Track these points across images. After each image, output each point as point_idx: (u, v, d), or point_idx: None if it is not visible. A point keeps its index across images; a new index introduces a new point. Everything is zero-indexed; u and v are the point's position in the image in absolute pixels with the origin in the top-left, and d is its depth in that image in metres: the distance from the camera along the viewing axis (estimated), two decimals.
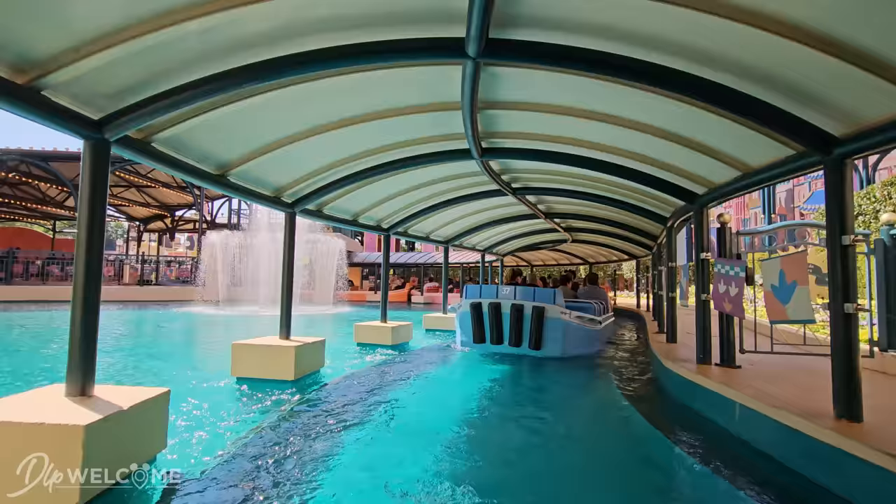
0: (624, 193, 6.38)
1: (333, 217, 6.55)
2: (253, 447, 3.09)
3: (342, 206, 6.45)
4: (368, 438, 3.34)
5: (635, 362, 6.74)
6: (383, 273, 8.05)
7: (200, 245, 16.76)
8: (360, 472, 2.78)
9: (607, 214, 8.88)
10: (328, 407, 4.09)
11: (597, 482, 2.83)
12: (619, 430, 3.93)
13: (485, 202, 8.40)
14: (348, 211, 6.83)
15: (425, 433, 3.50)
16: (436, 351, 7.41)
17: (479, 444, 3.34)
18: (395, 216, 7.77)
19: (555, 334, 6.90)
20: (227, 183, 4.32)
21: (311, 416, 3.83)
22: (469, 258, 23.63)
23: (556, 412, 4.32)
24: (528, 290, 7.09)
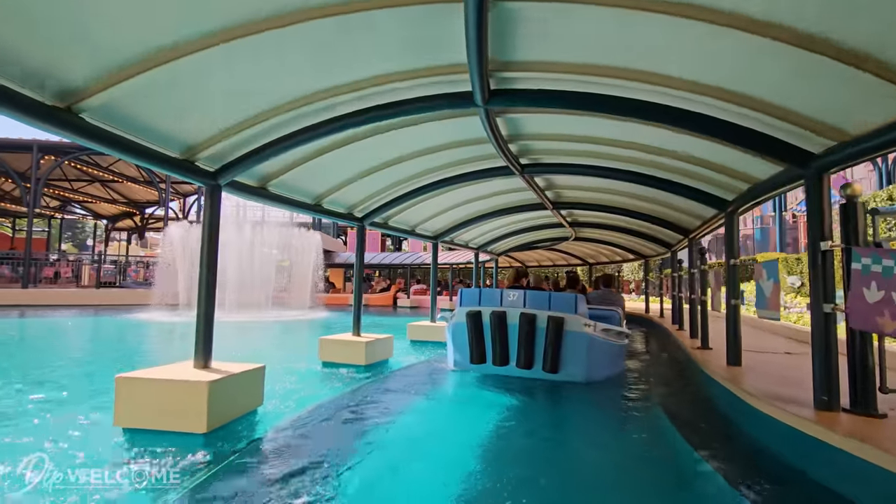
0: (666, 166, 4.86)
1: (283, 198, 4.92)
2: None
3: (296, 181, 4.83)
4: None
5: (685, 392, 5.15)
6: (356, 273, 6.43)
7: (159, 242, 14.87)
8: None
9: (628, 203, 7.38)
10: (239, 488, 2.47)
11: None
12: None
13: (483, 187, 6.83)
14: (306, 192, 5.21)
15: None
16: (421, 374, 5.80)
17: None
18: (372, 201, 6.16)
19: (577, 353, 5.35)
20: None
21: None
22: (460, 258, 22.04)
23: (608, 493, 2.75)
24: (542, 296, 5.53)
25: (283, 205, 4.95)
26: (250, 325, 11.90)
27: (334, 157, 4.52)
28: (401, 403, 4.29)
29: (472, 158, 5.46)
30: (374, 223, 6.83)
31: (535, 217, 9.80)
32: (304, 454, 3.01)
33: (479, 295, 5.81)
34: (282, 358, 6.65)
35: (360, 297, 6.34)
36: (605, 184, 6.50)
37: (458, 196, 7.15)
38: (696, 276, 6.89)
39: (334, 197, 5.56)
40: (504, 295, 5.64)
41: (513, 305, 5.54)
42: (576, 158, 5.29)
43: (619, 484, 2.85)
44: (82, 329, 11.19)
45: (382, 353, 6.30)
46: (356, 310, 6.32)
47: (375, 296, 22.99)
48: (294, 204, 5.10)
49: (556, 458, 3.22)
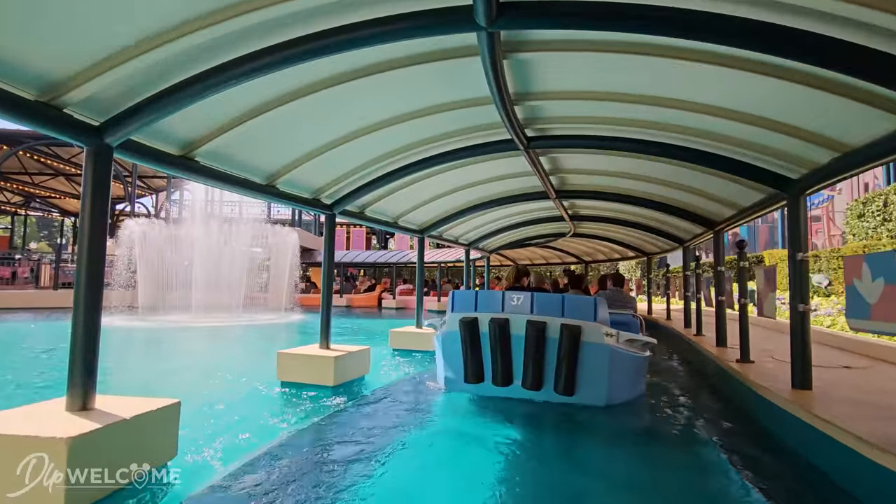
0: (714, 135, 3.83)
1: (218, 173, 3.77)
2: None
3: (233, 151, 3.69)
4: None
5: (742, 425, 4.06)
6: (325, 273, 5.29)
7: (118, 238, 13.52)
8: None
9: (644, 190, 6.36)
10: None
11: None
12: None
13: (478, 170, 5.76)
14: (252, 167, 4.06)
15: None
16: (404, 398, 4.69)
17: None
18: (343, 184, 5.03)
19: (596, 370, 4.30)
20: None
21: None
22: (448, 256, 20.96)
23: None
24: (553, 299, 4.47)
25: (221, 183, 3.79)
26: (215, 331, 10.66)
27: (284, 117, 3.40)
28: (374, 447, 3.18)
29: (468, 129, 4.38)
30: (347, 212, 5.69)
31: (533, 209, 8.76)
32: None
33: (474, 298, 4.73)
34: (233, 376, 5.49)
35: (329, 301, 5.20)
36: (622, 166, 5.48)
37: (448, 181, 6.06)
38: (724, 274, 5.91)
39: (293, 177, 4.42)
40: (506, 298, 4.56)
41: (517, 311, 4.47)
42: (596, 127, 4.23)
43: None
44: (12, 336, 9.84)
45: (356, 369, 5.18)
46: (324, 316, 5.19)
47: (359, 296, 21.78)
48: (236, 183, 3.94)
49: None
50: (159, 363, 6.90)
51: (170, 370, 6.21)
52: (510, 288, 5.44)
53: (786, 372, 3.83)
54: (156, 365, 6.73)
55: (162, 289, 13.95)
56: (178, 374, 5.82)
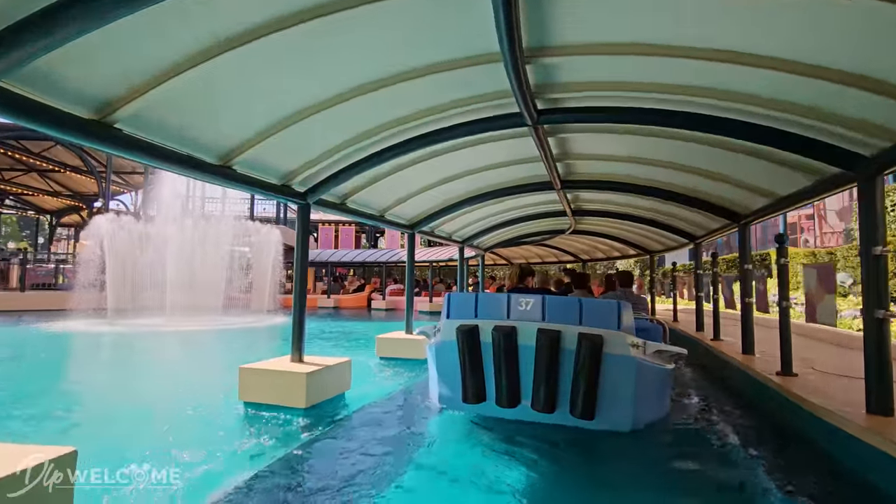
0: (763, 102, 3.11)
1: (150, 146, 2.98)
2: None
3: (169, 115, 2.91)
4: None
5: (809, 458, 3.36)
6: (297, 273, 4.50)
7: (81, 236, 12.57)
8: None
9: (660, 179, 5.66)
10: None
11: None
12: None
13: (476, 154, 5.02)
14: (205, 144, 3.28)
15: None
16: (389, 421, 3.93)
17: None
18: (318, 167, 4.25)
19: (621, 388, 3.58)
20: None
21: None
22: (440, 255, 20.20)
23: None
24: (569, 303, 3.74)
25: (156, 160, 3.00)
26: (187, 337, 9.80)
27: (236, 68, 2.64)
28: (344, 497, 2.43)
29: (467, 100, 3.63)
30: (325, 203, 4.92)
31: (534, 204, 8.04)
32: None
33: (474, 302, 3.99)
34: (190, 394, 4.69)
35: (301, 306, 4.42)
36: (638, 148, 4.77)
37: (441, 169, 5.31)
38: (756, 273, 5.23)
39: (254, 156, 3.64)
40: (512, 302, 3.83)
41: (526, 318, 3.75)
42: (617, 96, 3.50)
43: None
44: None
45: (334, 385, 4.40)
46: (296, 324, 4.41)
47: (348, 297, 20.94)
48: (177, 161, 3.15)
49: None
50: (105, 377, 6.08)
51: (114, 386, 5.41)
52: (513, 289, 4.71)
53: (840, 388, 3.16)
54: (100, 379, 5.91)
55: (133, 290, 13.02)
56: (123, 393, 5.01)
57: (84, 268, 12.59)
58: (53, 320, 11.86)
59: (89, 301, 12.90)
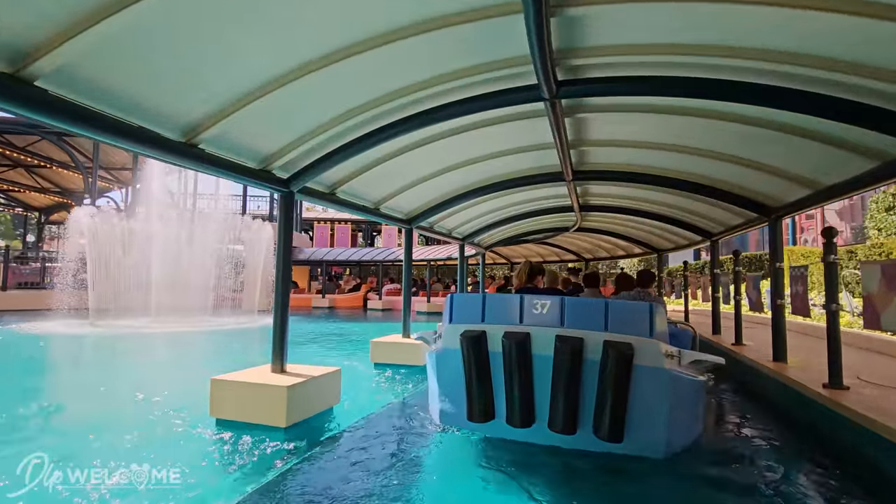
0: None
1: (97, 116, 2.45)
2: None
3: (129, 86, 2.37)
4: None
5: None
6: (280, 271, 3.96)
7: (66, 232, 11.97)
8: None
9: (682, 168, 5.14)
10: None
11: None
12: None
13: (482, 141, 4.50)
14: (162, 115, 2.75)
15: None
16: (381, 443, 3.38)
17: None
18: (302, 148, 3.71)
19: (654, 405, 3.07)
20: None
21: None
22: (439, 253, 19.66)
23: None
24: (593, 306, 3.22)
25: (102, 134, 2.45)
26: (171, 339, 9.24)
27: (182, 18, 2.10)
28: None
29: (474, 69, 3.10)
30: (311, 192, 4.37)
31: (540, 198, 7.52)
32: None
33: (481, 305, 3.46)
34: (159, 408, 4.13)
35: (283, 309, 3.88)
36: (662, 132, 4.26)
37: (442, 155, 4.79)
38: (795, 272, 4.72)
39: (225, 132, 3.10)
40: (526, 305, 3.31)
41: (542, 323, 3.23)
42: (651, 62, 2.97)
43: None
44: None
45: (321, 399, 3.86)
46: (277, 329, 3.87)
47: (343, 296, 20.39)
48: (128, 135, 2.61)
49: None
50: (67, 385, 5.53)
51: (72, 396, 4.86)
52: (522, 289, 4.18)
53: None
54: (60, 388, 5.36)
55: (117, 289, 12.43)
56: (79, 404, 4.47)
57: (65, 265, 12.00)
58: (33, 320, 11.28)
59: (72, 301, 12.32)
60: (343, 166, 4.19)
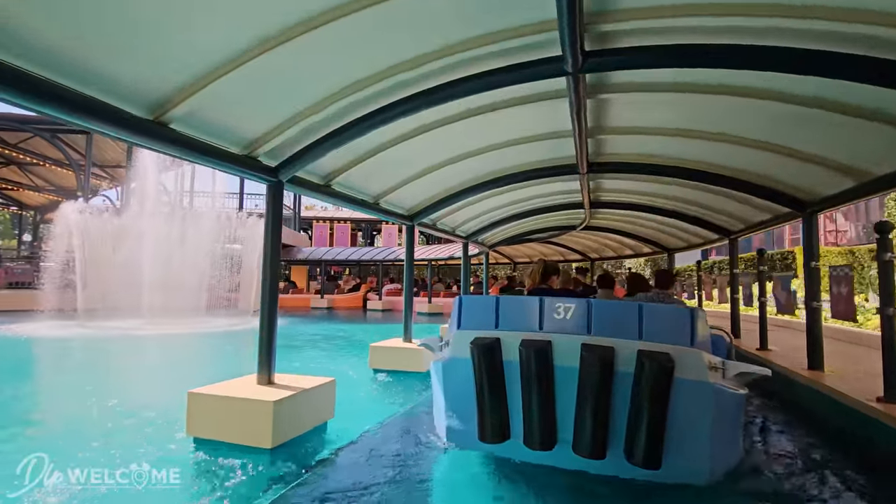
0: None
1: (46, 90, 2.03)
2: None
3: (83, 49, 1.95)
4: None
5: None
6: (266, 268, 3.54)
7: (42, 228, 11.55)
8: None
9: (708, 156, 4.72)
10: None
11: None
12: None
13: (491, 127, 4.09)
14: (124, 84, 2.33)
15: None
16: (381, 467, 2.96)
17: None
18: (290, 132, 3.29)
19: (697, 424, 2.65)
20: None
21: None
22: (440, 253, 19.24)
23: None
24: (625, 309, 2.80)
25: (45, 105, 2.04)
26: (161, 341, 8.82)
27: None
28: None
29: (487, 37, 2.68)
30: (302, 182, 3.95)
31: (549, 194, 7.09)
32: None
33: (494, 308, 3.04)
34: (133, 421, 3.71)
35: (271, 313, 3.46)
36: (696, 113, 3.82)
37: (447, 143, 4.38)
38: (838, 272, 4.29)
39: (199, 108, 2.68)
40: (546, 308, 2.89)
41: (565, 329, 2.81)
42: (695, 31, 2.56)
43: None
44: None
45: (312, 415, 3.44)
46: (265, 336, 3.45)
47: (342, 297, 19.97)
48: (77, 109, 2.19)
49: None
50: (43, 392, 5.11)
51: (42, 407, 4.45)
52: (535, 290, 3.77)
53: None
54: (29, 397, 4.93)
55: (108, 289, 12.01)
56: (48, 415, 4.06)
57: (54, 264, 11.59)
58: (21, 322, 10.86)
59: (62, 301, 11.91)
60: (338, 154, 3.77)
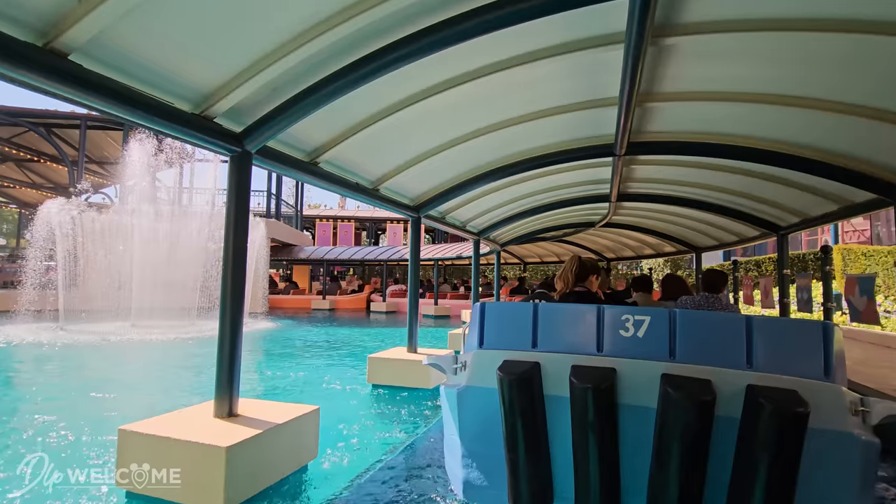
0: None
1: None
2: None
3: None
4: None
5: None
6: (227, 267, 2.73)
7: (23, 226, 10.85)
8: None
9: (773, 130, 3.86)
10: None
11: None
12: None
13: (517, 89, 3.27)
14: None
15: None
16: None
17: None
18: (260, 82, 2.47)
19: (837, 494, 1.81)
20: None
21: None
22: (446, 252, 18.40)
23: None
24: (728, 324, 1.95)
25: None
26: (140, 349, 8.05)
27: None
28: None
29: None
30: (282, 156, 3.14)
31: (575, 183, 6.26)
32: None
33: (531, 320, 2.21)
34: (53, 463, 2.89)
35: (234, 322, 2.64)
36: (788, 66, 2.96)
37: (463, 111, 3.55)
38: None
39: (119, 39, 1.88)
40: (608, 321, 2.06)
41: (636, 352, 1.98)
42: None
43: None
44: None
45: (286, 458, 2.62)
46: (225, 353, 2.64)
47: (345, 298, 19.19)
48: None
49: None
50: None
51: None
52: (568, 295, 2.95)
53: None
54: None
55: (92, 290, 11.29)
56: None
57: (29, 263, 10.89)
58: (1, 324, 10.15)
59: (43, 302, 11.21)
60: (325, 122, 2.96)
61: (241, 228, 2.71)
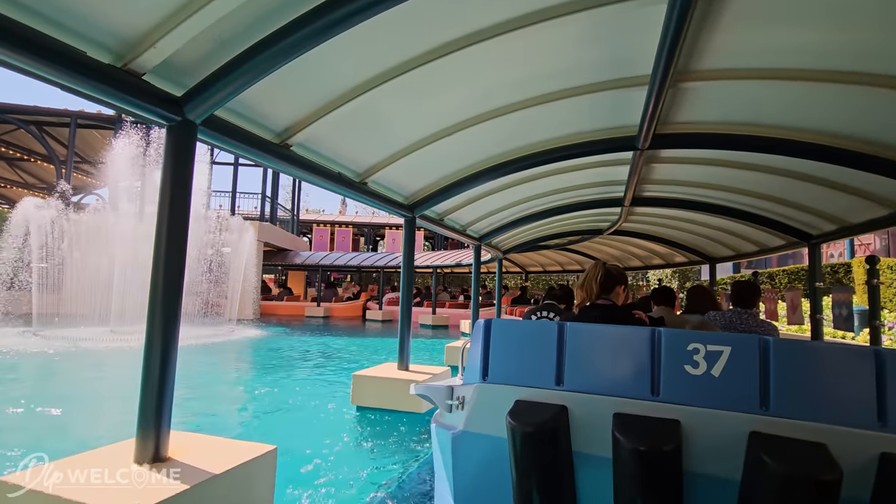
0: None
1: None
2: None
3: None
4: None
5: None
6: (156, 265, 2.14)
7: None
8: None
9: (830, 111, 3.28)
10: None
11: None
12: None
13: (531, 63, 2.70)
14: None
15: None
16: None
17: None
18: (207, 24, 1.90)
19: None
20: None
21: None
22: (445, 259, 17.80)
23: None
24: (846, 358, 1.36)
25: None
26: (112, 358, 7.45)
27: None
28: None
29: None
30: (244, 135, 2.56)
31: (587, 184, 5.68)
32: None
33: (556, 344, 1.61)
34: None
35: (168, 336, 2.06)
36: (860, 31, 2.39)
37: (466, 91, 2.99)
38: None
39: None
40: (666, 350, 1.45)
41: (708, 399, 1.37)
42: None
43: None
44: None
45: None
46: (153, 377, 2.04)
47: (340, 305, 18.57)
48: None
49: None
50: None
51: None
52: (589, 309, 2.37)
53: None
54: None
55: (69, 293, 10.69)
56: None
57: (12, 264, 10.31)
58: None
59: (18, 305, 10.61)
60: (296, 88, 2.38)
61: (176, 222, 2.12)
